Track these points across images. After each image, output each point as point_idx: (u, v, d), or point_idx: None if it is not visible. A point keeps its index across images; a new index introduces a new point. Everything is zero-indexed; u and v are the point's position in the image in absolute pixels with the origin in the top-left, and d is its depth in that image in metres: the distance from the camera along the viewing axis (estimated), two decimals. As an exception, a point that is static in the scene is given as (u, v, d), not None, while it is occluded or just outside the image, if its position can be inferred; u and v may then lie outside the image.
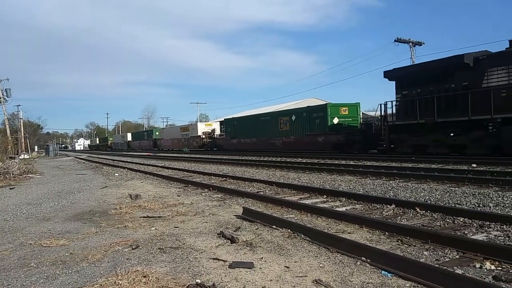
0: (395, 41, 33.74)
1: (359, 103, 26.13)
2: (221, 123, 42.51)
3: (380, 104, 20.03)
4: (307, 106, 28.92)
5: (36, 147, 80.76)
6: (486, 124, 15.13)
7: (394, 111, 19.89)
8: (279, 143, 29.54)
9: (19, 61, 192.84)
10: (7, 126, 46.23)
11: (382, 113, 20.07)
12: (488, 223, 5.05)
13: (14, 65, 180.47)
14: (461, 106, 15.85)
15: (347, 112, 25.41)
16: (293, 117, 28.27)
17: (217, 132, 42.18)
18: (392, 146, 19.41)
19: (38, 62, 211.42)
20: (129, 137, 71.79)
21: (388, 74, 19.96)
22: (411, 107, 18.20)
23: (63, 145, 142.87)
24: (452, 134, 16.49)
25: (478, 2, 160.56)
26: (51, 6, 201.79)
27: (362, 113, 28.87)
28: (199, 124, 46.97)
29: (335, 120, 24.99)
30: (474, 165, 12.44)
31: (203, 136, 43.10)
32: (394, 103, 19.66)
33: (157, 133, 59.54)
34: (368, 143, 22.77)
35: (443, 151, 16.83)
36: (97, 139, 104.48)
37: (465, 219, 5.35)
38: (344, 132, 23.90)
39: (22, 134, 54.04)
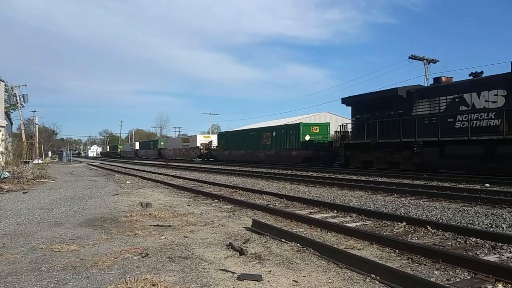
0: (409, 58, 33.65)
1: (329, 123, 30.21)
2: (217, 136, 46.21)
3: (339, 125, 23.86)
4: (285, 124, 32.90)
5: (50, 153, 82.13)
6: (413, 146, 18.19)
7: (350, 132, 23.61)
8: (262, 156, 33.00)
9: (35, 67, 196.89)
10: (23, 131, 47.07)
11: (342, 133, 23.48)
12: (500, 244, 4.97)
13: (31, 71, 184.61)
14: (396, 130, 18.90)
15: (318, 131, 28.90)
16: (274, 133, 31.90)
17: (215, 144, 44.94)
18: (348, 161, 22.38)
19: (54, 68, 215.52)
20: (137, 146, 75.21)
21: (345, 101, 22.94)
22: (362, 129, 21.10)
23: (76, 152, 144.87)
24: (389, 153, 19.55)
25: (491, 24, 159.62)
26: (67, 14, 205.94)
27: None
28: (198, 136, 49.65)
29: (307, 137, 28.12)
30: (487, 185, 12.27)
31: (201, 147, 46.36)
32: (350, 125, 23.10)
33: (162, 143, 61.61)
34: (331, 158, 25.71)
35: (384, 166, 19.77)
36: (108, 147, 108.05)
37: (477, 239, 5.27)
38: (312, 148, 27.03)
39: (37, 139, 54.97)
